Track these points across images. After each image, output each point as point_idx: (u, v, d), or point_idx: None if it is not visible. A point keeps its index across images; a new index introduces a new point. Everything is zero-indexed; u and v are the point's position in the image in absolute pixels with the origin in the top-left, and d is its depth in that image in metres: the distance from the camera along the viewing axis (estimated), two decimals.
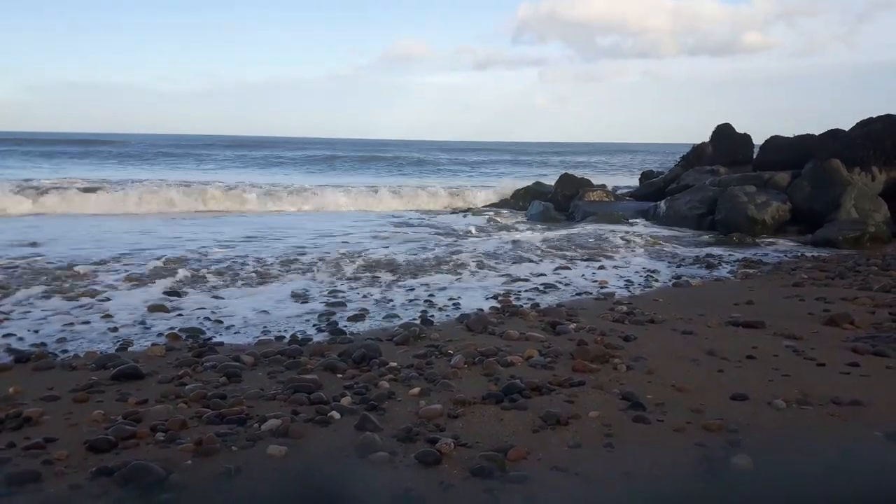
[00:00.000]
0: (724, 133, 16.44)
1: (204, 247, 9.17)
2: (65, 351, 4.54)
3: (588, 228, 12.45)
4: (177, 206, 15.06)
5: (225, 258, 8.29)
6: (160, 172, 26.13)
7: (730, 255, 9.55)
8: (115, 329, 5.09)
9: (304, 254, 8.80)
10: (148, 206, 14.79)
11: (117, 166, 30.14)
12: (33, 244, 9.18)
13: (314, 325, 5.32)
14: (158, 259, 7.98)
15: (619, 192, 17.54)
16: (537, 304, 6.07)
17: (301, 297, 6.31)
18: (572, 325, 5.18)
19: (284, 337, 4.92)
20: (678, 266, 8.50)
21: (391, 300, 6.24)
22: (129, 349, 4.58)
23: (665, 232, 12.24)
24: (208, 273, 7.28)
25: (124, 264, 7.74)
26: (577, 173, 19.05)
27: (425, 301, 6.19)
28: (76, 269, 7.23)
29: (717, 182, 13.59)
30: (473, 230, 12.15)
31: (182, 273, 7.16)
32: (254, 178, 22.92)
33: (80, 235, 10.47)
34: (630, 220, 13.14)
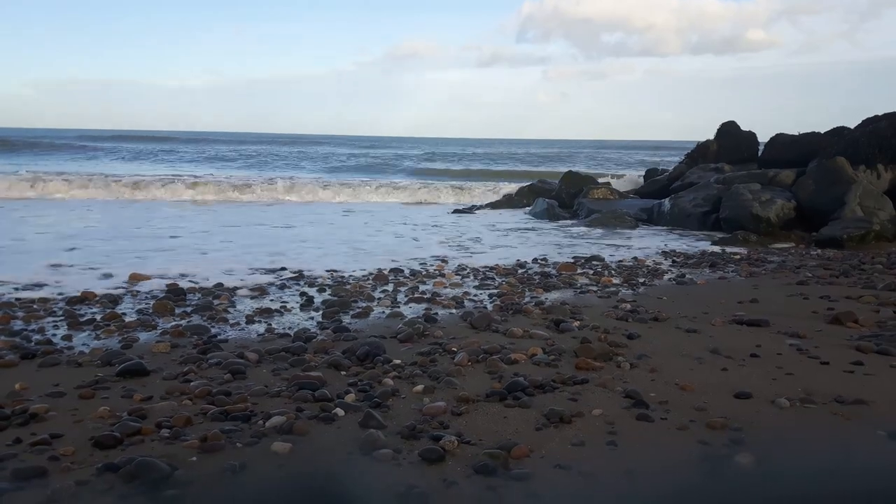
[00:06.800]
0: (728, 131, 16.39)
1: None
2: (70, 347, 4.55)
3: (592, 226, 12.46)
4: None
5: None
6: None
7: (734, 253, 9.53)
8: (121, 325, 5.11)
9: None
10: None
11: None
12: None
13: (318, 323, 5.33)
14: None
15: (623, 189, 17.51)
16: (541, 302, 6.07)
17: (306, 295, 6.33)
18: (576, 323, 5.18)
19: (289, 334, 4.93)
20: (682, 264, 8.48)
21: (395, 297, 6.25)
22: (135, 345, 4.60)
23: (669, 230, 12.23)
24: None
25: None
26: (581, 170, 19.01)
27: (428, 298, 6.19)
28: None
29: (721, 180, 13.55)
30: (478, 226, 12.15)
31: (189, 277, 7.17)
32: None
33: None
34: (634, 218, 13.12)
